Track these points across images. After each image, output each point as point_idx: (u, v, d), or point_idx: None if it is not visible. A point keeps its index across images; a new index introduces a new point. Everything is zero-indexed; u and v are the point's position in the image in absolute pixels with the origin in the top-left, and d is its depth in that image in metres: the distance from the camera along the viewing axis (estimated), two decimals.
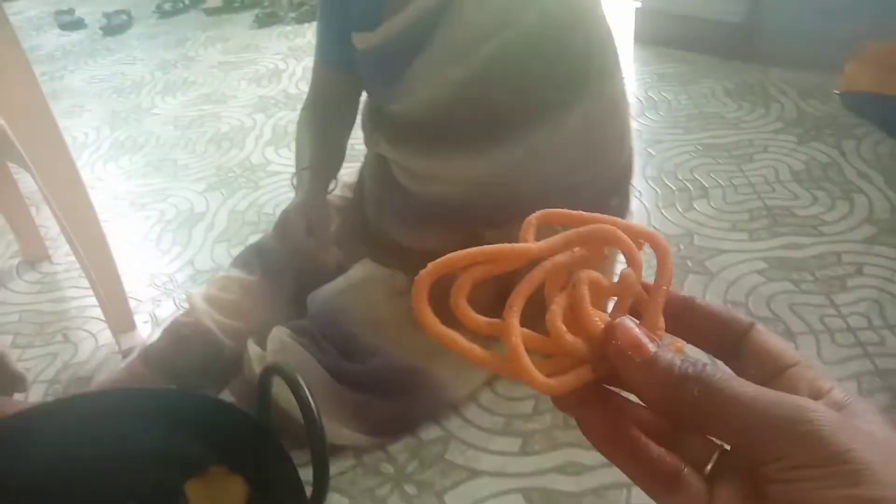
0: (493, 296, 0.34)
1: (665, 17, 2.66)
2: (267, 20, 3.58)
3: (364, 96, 1.31)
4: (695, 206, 1.78)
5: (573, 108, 1.07)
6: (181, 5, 3.99)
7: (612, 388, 0.29)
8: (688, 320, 0.30)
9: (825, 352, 1.31)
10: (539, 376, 0.27)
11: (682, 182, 1.88)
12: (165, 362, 1.21)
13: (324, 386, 1.10)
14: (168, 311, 1.62)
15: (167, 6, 3.98)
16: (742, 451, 0.26)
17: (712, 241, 1.65)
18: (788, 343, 0.29)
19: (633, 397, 0.29)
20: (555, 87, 1.07)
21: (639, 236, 0.31)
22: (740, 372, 0.28)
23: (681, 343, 0.30)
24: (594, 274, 0.29)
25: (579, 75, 1.07)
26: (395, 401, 1.14)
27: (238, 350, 1.19)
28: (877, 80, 2.14)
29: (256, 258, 1.32)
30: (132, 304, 1.57)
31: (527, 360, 0.27)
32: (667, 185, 1.88)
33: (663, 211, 1.78)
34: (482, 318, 0.29)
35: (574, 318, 0.29)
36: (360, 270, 1.26)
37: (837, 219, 1.68)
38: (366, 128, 1.29)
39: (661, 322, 0.29)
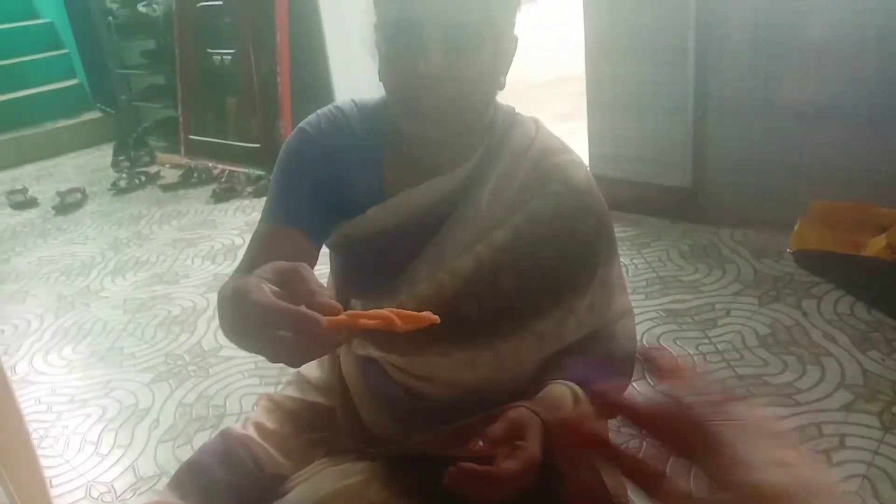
0: None
1: (614, 183, 2.74)
2: (224, 195, 3.61)
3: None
4: None
5: (586, 295, 1.04)
6: (137, 182, 4.02)
7: None
8: None
9: None
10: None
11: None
12: None
13: None
14: None
15: (122, 183, 4.01)
16: None
17: None
18: None
19: None
20: (566, 274, 1.04)
21: None
22: None
23: None
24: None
25: (590, 262, 1.04)
26: None
27: None
28: (826, 238, 2.19)
29: (191, 478, 1.15)
30: None
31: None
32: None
33: (634, 384, 1.71)
34: None
35: None
36: (323, 481, 1.13)
37: (811, 386, 1.63)
38: None
39: None
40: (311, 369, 1.36)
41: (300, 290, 0.66)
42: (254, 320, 0.66)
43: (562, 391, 0.98)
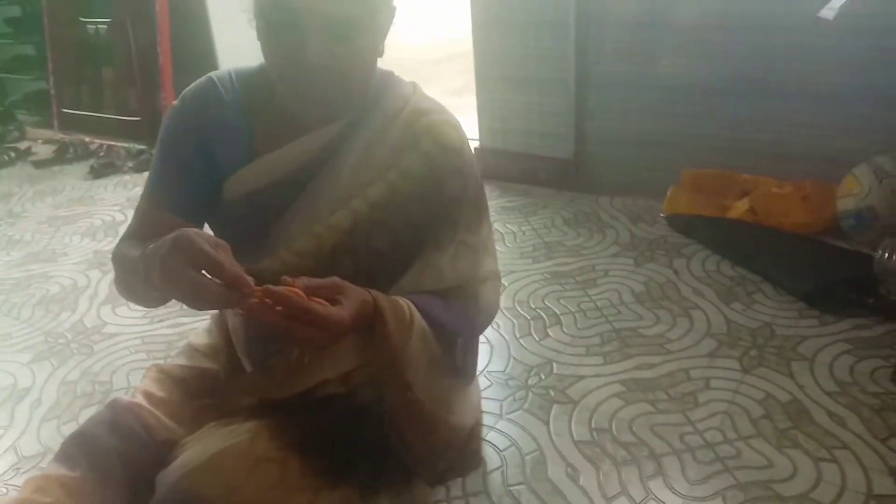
0: None
1: (503, 156, 2.83)
2: (103, 171, 3.44)
3: None
4: (549, 333, 1.83)
5: (445, 251, 1.08)
6: (6, 158, 3.76)
7: None
8: None
9: (689, 471, 1.34)
10: None
11: (535, 311, 1.94)
12: None
13: None
14: None
15: None
16: None
17: (570, 368, 1.68)
18: None
19: None
20: (430, 229, 1.08)
21: None
22: None
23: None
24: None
25: (453, 220, 1.09)
26: None
27: None
28: (695, 203, 2.37)
29: (79, 448, 1.13)
30: None
31: None
32: (521, 314, 1.92)
33: (521, 340, 1.81)
34: None
35: None
36: (212, 442, 1.14)
37: (680, 336, 1.78)
38: None
39: None
40: (200, 336, 1.37)
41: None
42: (179, 262, 0.80)
43: (403, 302, 1.02)
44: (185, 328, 2.00)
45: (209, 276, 0.81)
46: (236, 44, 3.69)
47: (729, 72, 2.34)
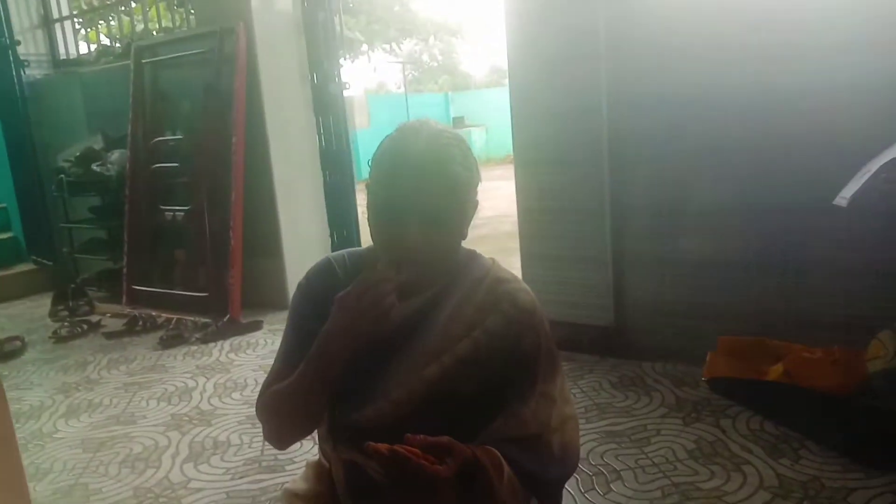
0: None
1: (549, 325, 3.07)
2: (171, 342, 3.70)
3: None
4: (612, 487, 1.95)
5: (527, 402, 1.27)
6: (79, 330, 4.06)
7: None
8: None
9: None
10: None
11: (595, 467, 2.07)
12: None
13: None
14: None
15: (63, 331, 4.04)
16: None
17: None
18: None
19: None
20: (511, 383, 1.27)
21: None
22: None
23: None
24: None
25: (532, 373, 1.29)
26: None
27: None
28: (733, 367, 2.55)
29: None
30: None
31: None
32: (583, 470, 2.05)
33: (587, 495, 1.93)
34: None
35: None
36: None
37: (735, 489, 1.90)
38: (327, 438, 1.38)
39: None
40: (297, 483, 1.54)
41: None
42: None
43: (496, 454, 1.17)
44: (266, 484, 2.14)
45: None
46: (297, 230, 4.14)
47: (751, 250, 2.63)
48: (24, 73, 5.06)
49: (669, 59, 2.68)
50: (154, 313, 4.16)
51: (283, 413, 1.28)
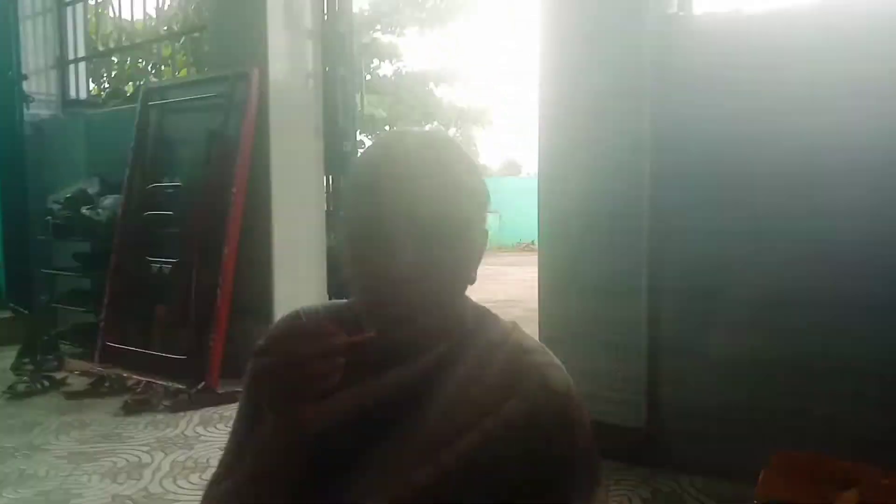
0: None
1: None
2: (136, 408, 3.27)
3: None
4: None
5: None
6: (39, 387, 3.64)
7: None
8: None
9: None
10: None
11: None
12: None
13: None
14: None
15: (21, 387, 3.62)
16: None
17: None
18: None
19: None
20: (537, 498, 0.87)
21: None
22: None
23: None
24: None
25: (565, 486, 0.88)
26: None
27: None
28: (791, 490, 2.09)
29: None
30: None
31: None
32: None
33: None
34: None
35: None
36: None
37: None
38: None
39: None
40: None
41: None
42: None
43: None
44: None
45: None
46: (293, 294, 3.74)
47: (814, 347, 2.22)
48: (28, 108, 4.86)
49: (714, 134, 2.36)
50: (125, 374, 3.74)
51: None
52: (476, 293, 0.89)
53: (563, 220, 2.69)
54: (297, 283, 3.81)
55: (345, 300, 1.01)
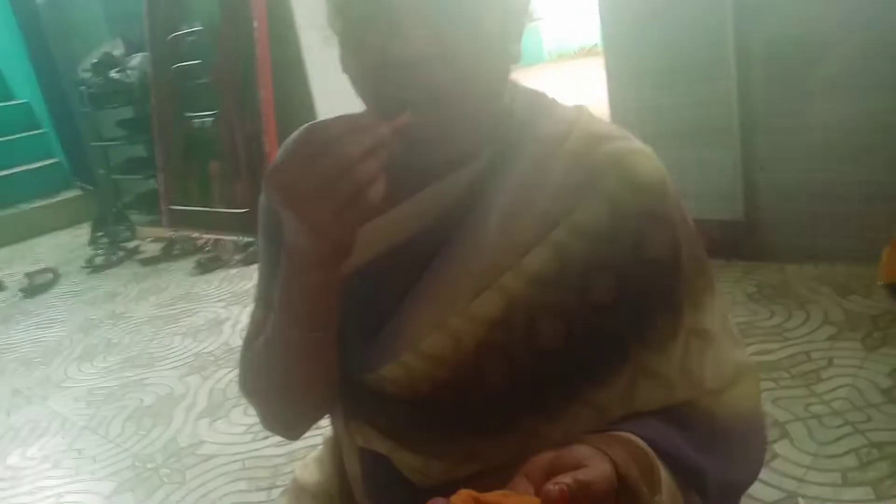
0: None
1: None
2: (209, 265, 3.25)
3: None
4: (779, 451, 1.33)
5: (666, 349, 0.67)
6: (114, 258, 3.67)
7: None
8: None
9: None
10: None
11: None
12: None
13: None
14: None
15: (99, 260, 3.66)
16: None
17: None
18: None
19: None
20: (634, 316, 0.67)
21: None
22: None
23: None
24: None
25: (670, 297, 0.68)
26: None
27: None
28: None
29: None
30: None
31: None
32: None
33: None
34: None
35: None
36: None
37: None
38: (338, 414, 0.82)
39: None
40: (310, 472, 0.97)
41: None
42: None
43: (639, 445, 0.63)
44: (293, 447, 1.63)
45: None
46: None
47: None
48: None
49: None
50: (194, 235, 3.71)
51: (273, 388, 0.75)
52: None
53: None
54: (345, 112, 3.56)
55: (358, 113, 0.78)
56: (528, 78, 0.69)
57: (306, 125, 0.75)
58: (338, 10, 0.63)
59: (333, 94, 3.36)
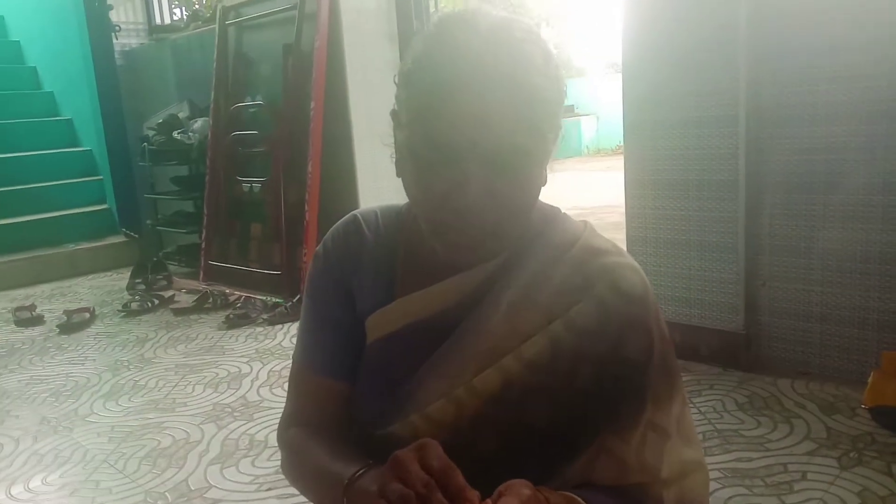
0: None
1: None
2: (237, 321, 3.42)
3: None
4: None
5: (627, 438, 0.80)
6: (149, 304, 3.87)
7: None
8: None
9: None
10: None
11: None
12: None
13: None
14: None
15: (134, 305, 3.86)
16: None
17: None
18: None
19: None
20: (607, 403, 0.80)
21: None
22: None
23: None
24: None
25: (637, 393, 0.81)
26: None
27: None
28: None
29: None
30: None
31: None
32: None
33: None
34: None
35: None
36: None
37: None
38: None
39: None
40: None
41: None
42: None
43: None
44: (296, 500, 1.74)
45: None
46: (379, 199, 3.74)
47: None
48: (116, 38, 4.97)
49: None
50: (227, 290, 3.92)
51: (302, 482, 0.94)
52: (570, 201, 0.80)
53: (650, 98, 2.48)
54: (382, 194, 3.79)
55: (402, 204, 0.96)
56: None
57: (344, 220, 0.95)
58: (409, 154, 0.77)
59: (373, 174, 3.62)
